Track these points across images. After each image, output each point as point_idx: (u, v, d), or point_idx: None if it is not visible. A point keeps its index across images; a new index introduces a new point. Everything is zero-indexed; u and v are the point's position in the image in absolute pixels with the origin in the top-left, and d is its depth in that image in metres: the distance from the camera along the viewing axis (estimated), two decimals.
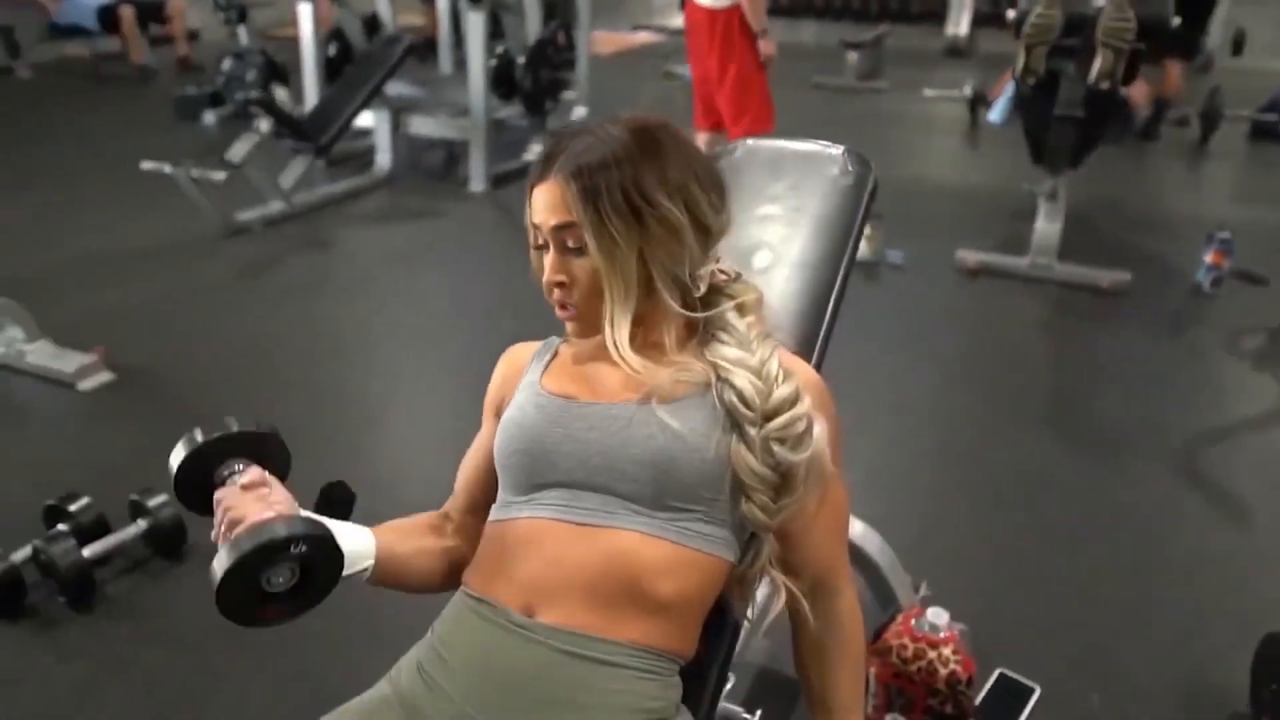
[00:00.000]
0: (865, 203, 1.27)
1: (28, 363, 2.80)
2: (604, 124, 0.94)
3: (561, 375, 1.00)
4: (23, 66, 7.77)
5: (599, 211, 0.88)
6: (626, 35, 10.25)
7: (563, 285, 0.93)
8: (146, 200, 4.24)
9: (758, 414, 0.90)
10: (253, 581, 0.80)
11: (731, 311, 0.97)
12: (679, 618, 0.91)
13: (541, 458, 0.94)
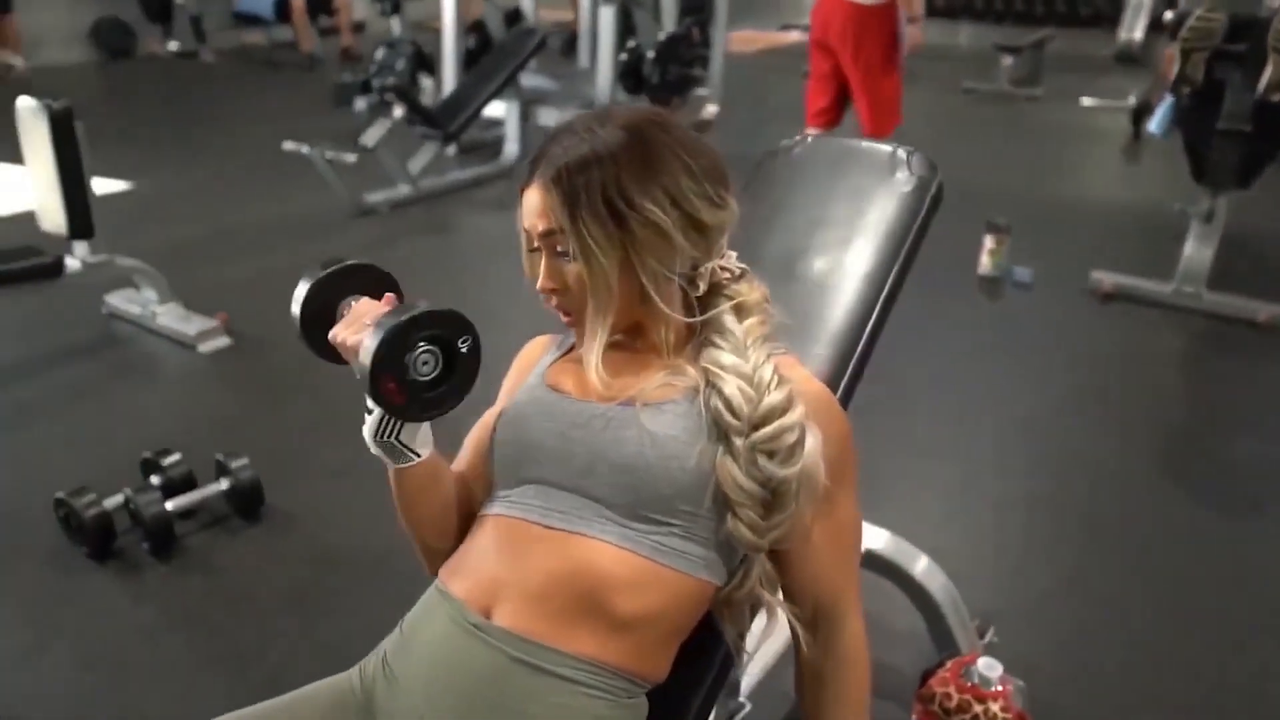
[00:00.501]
0: (925, 210, 1.18)
1: (158, 323, 3.01)
2: (592, 121, 0.90)
3: (565, 371, 0.97)
4: (207, 51, 8.41)
5: (576, 218, 0.85)
6: (773, 34, 10.10)
7: (555, 291, 0.90)
8: (287, 179, 4.50)
9: (744, 423, 0.84)
10: (400, 366, 0.80)
11: (729, 314, 0.91)
12: (641, 637, 0.86)
13: (526, 451, 0.91)
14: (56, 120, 2.60)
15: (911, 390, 2.78)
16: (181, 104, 6.82)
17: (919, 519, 2.16)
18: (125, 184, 4.62)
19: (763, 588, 0.90)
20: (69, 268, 2.75)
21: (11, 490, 2.19)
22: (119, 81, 7.65)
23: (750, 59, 8.75)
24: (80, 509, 1.95)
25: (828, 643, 0.93)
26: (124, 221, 3.94)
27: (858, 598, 0.95)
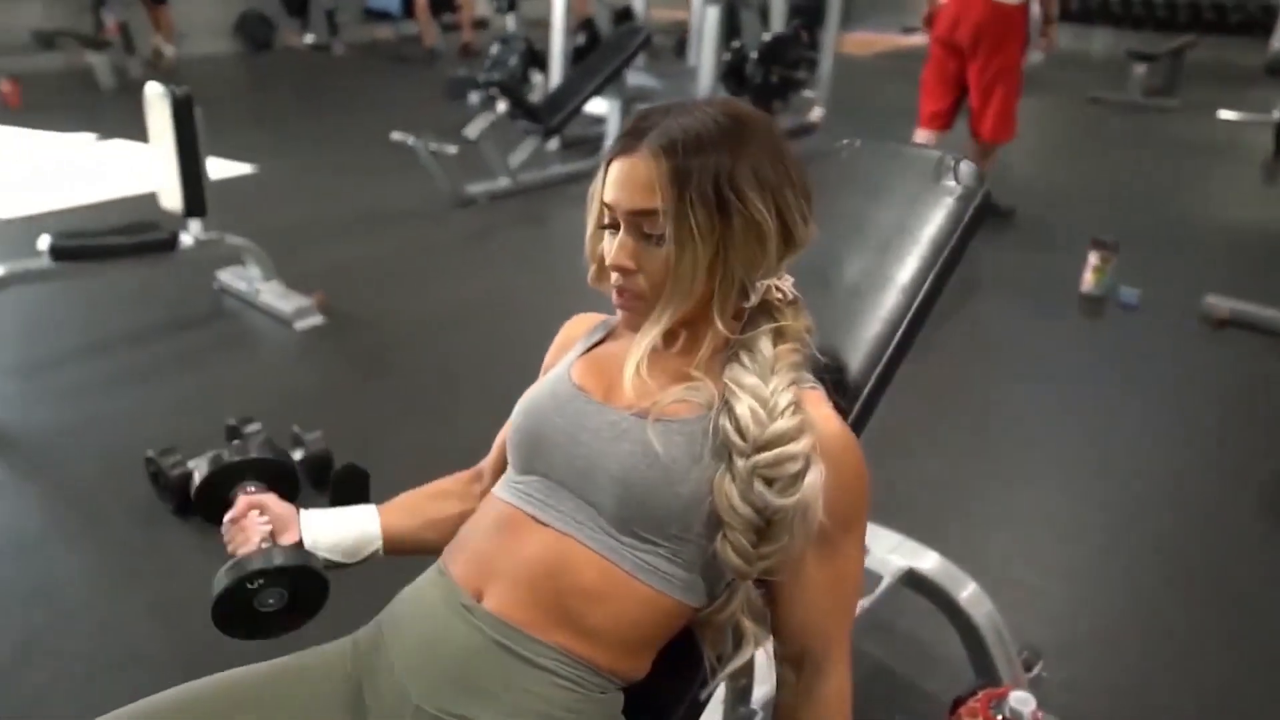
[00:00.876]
0: (968, 220, 1.13)
1: (260, 300, 3.20)
2: (700, 104, 0.86)
3: (594, 364, 0.96)
4: (339, 44, 8.84)
5: (684, 198, 0.81)
6: (892, 36, 9.84)
7: (628, 272, 0.86)
8: (395, 168, 4.68)
9: (749, 445, 0.81)
10: (244, 606, 0.93)
11: (766, 336, 0.88)
12: (613, 641, 0.86)
13: (537, 444, 0.92)
14: (178, 105, 2.79)
15: (997, 408, 2.68)
16: (310, 94, 7.19)
17: (992, 545, 2.08)
18: (250, 167, 4.91)
19: (745, 616, 0.87)
20: (182, 243, 2.94)
21: (114, 445, 2.37)
22: (257, 72, 8.12)
23: (865, 62, 8.57)
24: (166, 468, 2.09)
25: (809, 689, 0.89)
26: (244, 202, 4.20)
27: (847, 651, 0.91)
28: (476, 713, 0.83)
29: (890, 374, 1.09)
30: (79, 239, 2.78)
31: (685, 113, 0.84)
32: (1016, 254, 3.96)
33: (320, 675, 0.93)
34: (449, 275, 3.56)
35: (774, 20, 5.30)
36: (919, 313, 1.10)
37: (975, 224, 1.13)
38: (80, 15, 7.63)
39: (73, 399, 2.66)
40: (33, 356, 2.88)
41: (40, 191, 4.49)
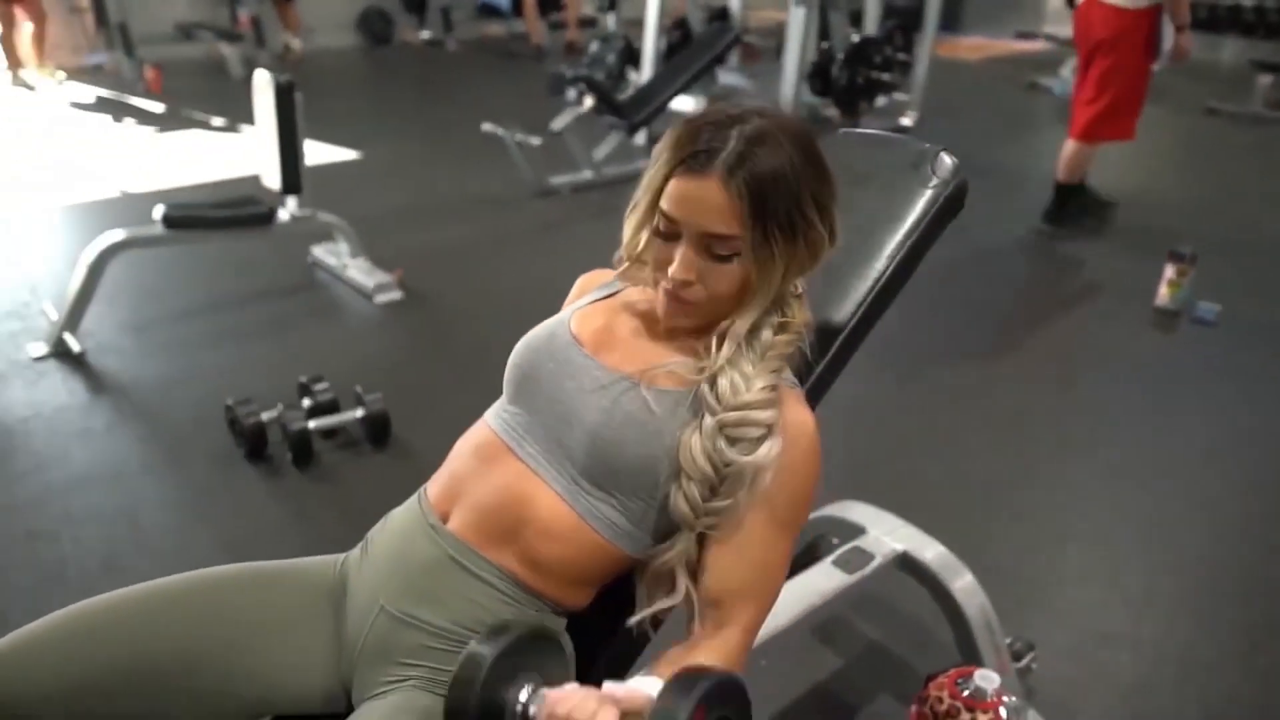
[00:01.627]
0: (935, 211, 1.18)
1: (346, 274, 3.44)
2: (766, 122, 0.89)
3: (595, 318, 1.03)
4: (452, 40, 9.22)
5: (767, 230, 0.87)
6: (1002, 42, 9.57)
7: (690, 284, 0.91)
8: (486, 157, 4.90)
9: (721, 406, 0.90)
10: None
11: (770, 327, 0.95)
12: (553, 575, 0.96)
13: (526, 380, 1.01)
14: (280, 91, 3.04)
15: (1061, 422, 2.62)
16: (420, 87, 7.55)
17: (1053, 573, 2.01)
18: (355, 154, 5.23)
19: (681, 566, 0.93)
20: (279, 218, 3.20)
21: (203, 395, 2.62)
22: (374, 65, 8.56)
23: (971, 67, 8.36)
24: (242, 416, 2.32)
25: (708, 634, 0.93)
26: (345, 185, 4.50)
27: (753, 625, 0.95)
28: (428, 615, 0.95)
29: (843, 357, 1.15)
30: (188, 210, 3.06)
31: (758, 140, 0.87)
32: (1098, 261, 3.86)
33: (314, 574, 1.07)
34: (522, 260, 3.74)
35: (867, 22, 5.27)
36: (879, 297, 1.16)
37: (944, 214, 1.19)
38: (217, 9, 8.23)
39: (174, 353, 2.95)
40: (144, 315, 3.20)
41: (167, 169, 4.92)
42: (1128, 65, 3.58)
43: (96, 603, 0.98)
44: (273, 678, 0.99)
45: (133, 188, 4.59)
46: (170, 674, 0.95)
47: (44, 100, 6.57)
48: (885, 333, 1.15)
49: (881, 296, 1.17)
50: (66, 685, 0.93)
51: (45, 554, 2.01)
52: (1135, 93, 3.67)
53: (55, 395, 2.67)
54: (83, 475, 2.29)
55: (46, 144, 5.44)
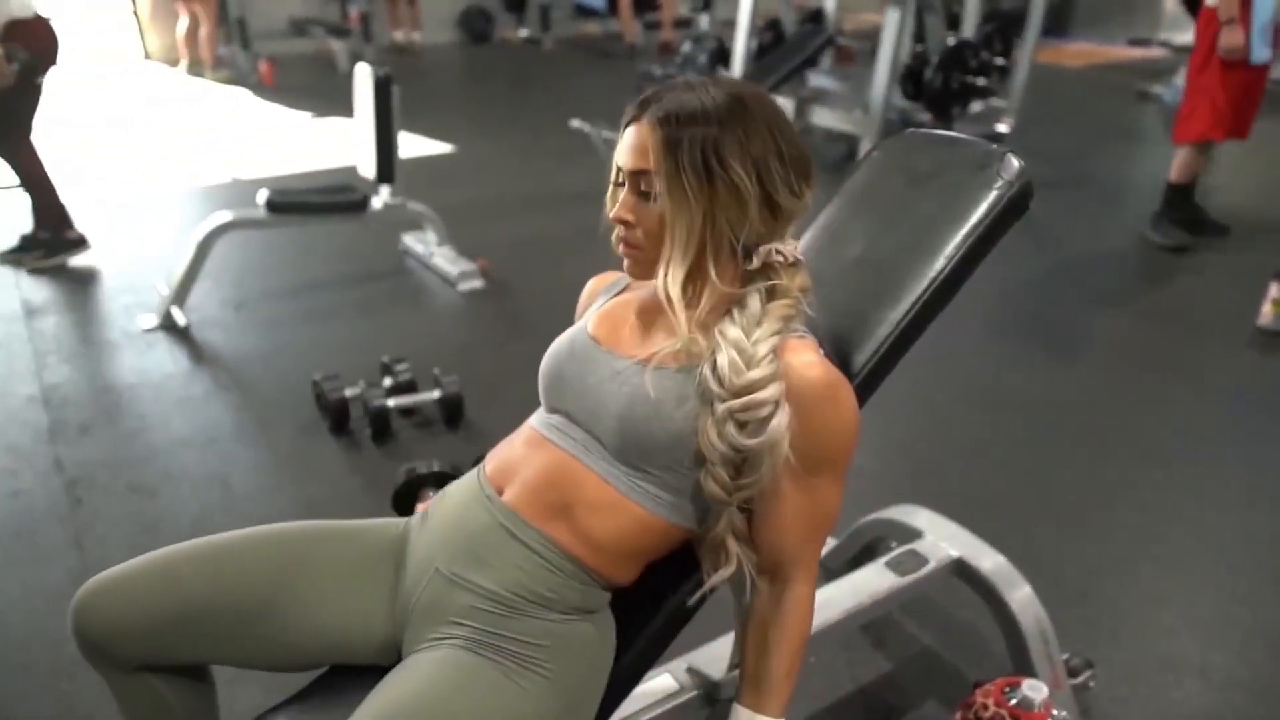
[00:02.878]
0: (998, 212, 1.17)
1: (433, 262, 3.57)
2: (706, 83, 0.96)
3: (608, 317, 1.10)
4: (548, 39, 9.40)
5: (675, 163, 0.91)
6: (1113, 48, 9.19)
7: (628, 225, 0.98)
8: (573, 153, 4.99)
9: (726, 391, 0.93)
10: None
11: (757, 294, 0.97)
12: (603, 549, 1.00)
13: (555, 386, 1.08)
14: (379, 83, 3.17)
15: (1146, 440, 2.52)
16: (515, 84, 7.72)
17: (1121, 594, 1.93)
18: (449, 147, 5.40)
19: (730, 537, 0.98)
20: (372, 206, 3.34)
21: (293, 370, 2.77)
22: (473, 62, 8.80)
23: (1075, 74, 8.07)
24: (327, 391, 2.44)
25: (777, 597, 1.01)
26: (438, 177, 4.66)
27: (813, 568, 1.02)
28: (477, 578, 1.00)
29: (899, 350, 1.15)
30: (289, 195, 3.23)
31: (688, 89, 0.95)
32: (1199, 277, 3.69)
33: (379, 535, 1.14)
34: (601, 255, 3.74)
35: (965, 26, 5.16)
36: (934, 297, 1.16)
37: (1006, 216, 1.18)
38: (329, 6, 8.59)
39: (269, 329, 3.12)
40: (244, 293, 3.38)
41: (274, 157, 5.18)
42: (1202, 63, 3.57)
43: (181, 547, 1.07)
44: (335, 627, 1.06)
45: (242, 174, 4.85)
46: (243, 616, 1.03)
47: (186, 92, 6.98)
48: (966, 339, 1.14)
49: (938, 295, 1.16)
50: (150, 619, 1.02)
51: (144, 508, 2.17)
52: (1205, 93, 3.60)
53: (161, 364, 2.86)
54: (181, 439, 2.45)
55: (170, 132, 5.79)
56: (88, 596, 1.03)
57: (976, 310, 3.20)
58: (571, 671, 0.98)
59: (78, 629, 1.03)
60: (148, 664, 1.05)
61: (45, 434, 2.46)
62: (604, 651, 1.04)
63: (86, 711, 1.61)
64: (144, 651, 1.03)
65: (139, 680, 1.07)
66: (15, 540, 2.05)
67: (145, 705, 1.08)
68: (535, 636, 0.97)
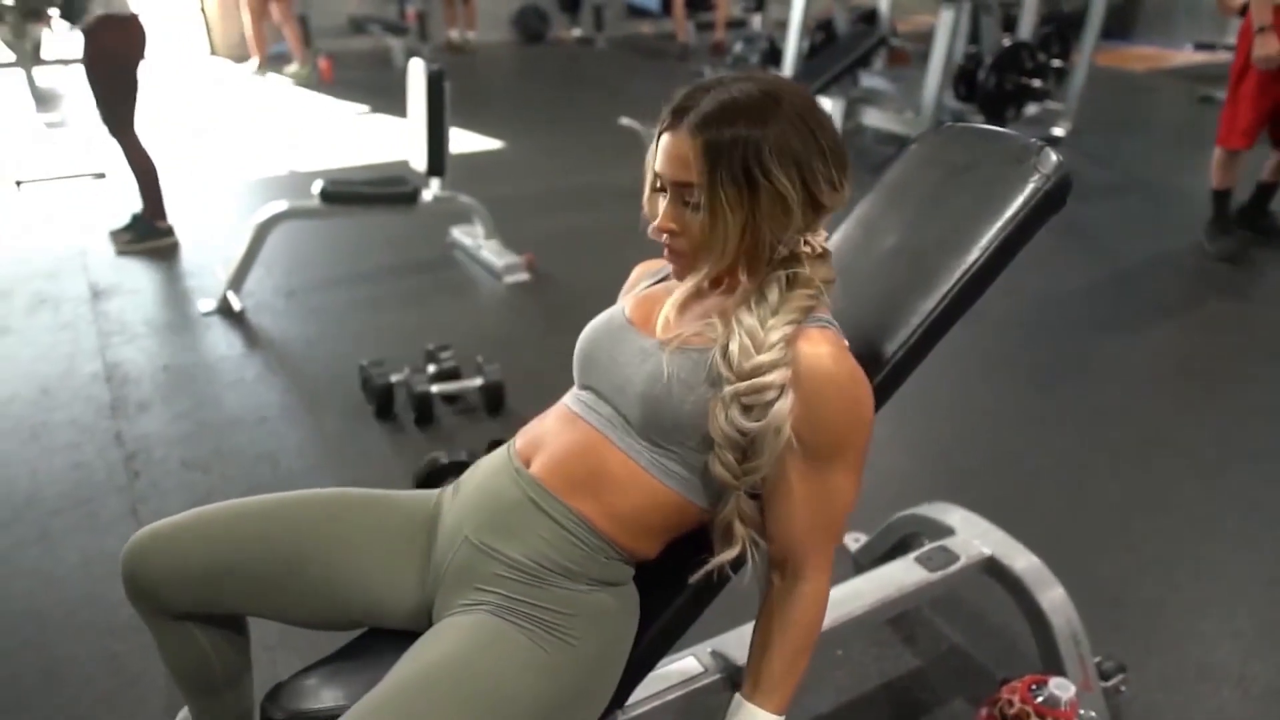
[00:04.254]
0: (1034, 206, 1.17)
1: (480, 255, 3.63)
2: (740, 81, 0.95)
3: (644, 301, 1.13)
4: (601, 39, 9.46)
5: (715, 176, 0.91)
6: (1177, 52, 8.96)
7: (673, 233, 0.98)
8: (622, 151, 5.03)
9: (734, 374, 0.94)
10: None
11: (777, 284, 0.98)
12: (626, 523, 1.03)
13: (588, 363, 1.12)
14: (432, 78, 3.24)
15: (1193, 450, 2.47)
16: (567, 83, 7.80)
17: (1158, 602, 1.89)
18: (500, 144, 5.48)
19: (737, 520, 1.00)
20: (422, 198, 3.41)
21: (341, 355, 2.84)
22: (527, 61, 8.89)
23: (1137, 78, 7.88)
24: (373, 376, 2.51)
25: (789, 590, 1.02)
26: (488, 173, 4.73)
27: (825, 564, 1.02)
28: (503, 548, 1.04)
29: (930, 341, 1.16)
30: (342, 186, 3.31)
31: (723, 91, 0.93)
32: (1255, 287, 3.60)
33: (414, 505, 1.18)
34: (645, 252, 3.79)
35: (1021, 27, 5.08)
36: (967, 288, 1.16)
37: (1043, 209, 1.17)
38: (387, 4, 8.76)
39: (319, 316, 3.21)
40: (296, 280, 3.48)
41: (330, 150, 5.30)
42: (1240, 70, 3.50)
43: (230, 504, 1.13)
44: (370, 589, 1.10)
45: (299, 166, 4.98)
46: (284, 572, 1.08)
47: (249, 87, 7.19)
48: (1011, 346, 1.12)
49: (970, 287, 1.17)
50: (197, 569, 1.08)
51: (196, 483, 2.25)
52: (1242, 101, 3.52)
53: (216, 347, 2.96)
54: (233, 418, 2.54)
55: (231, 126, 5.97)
56: (139, 545, 1.09)
57: (1023, 317, 3.16)
58: (596, 641, 1.01)
59: (128, 575, 1.09)
60: (191, 613, 1.11)
61: (107, 410, 2.56)
62: (628, 625, 1.06)
63: (135, 672, 1.68)
64: (189, 600, 1.09)
65: (182, 628, 1.13)
66: (75, 509, 2.14)
67: (186, 652, 1.15)
68: (561, 605, 1.00)
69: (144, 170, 3.64)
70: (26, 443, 2.41)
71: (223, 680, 1.18)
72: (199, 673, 1.16)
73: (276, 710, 1.04)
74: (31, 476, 2.26)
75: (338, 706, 1.04)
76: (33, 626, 1.79)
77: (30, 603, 1.86)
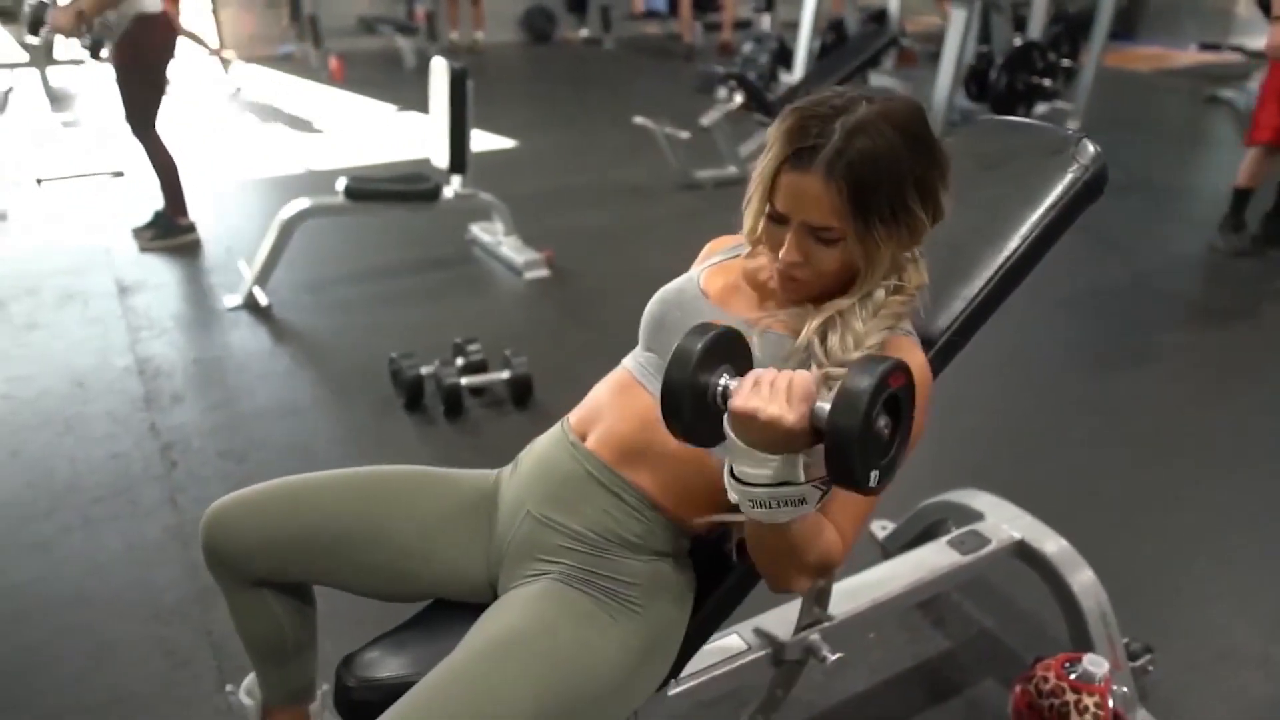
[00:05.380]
0: (1073, 195, 1.21)
1: (500, 251, 3.67)
2: (858, 107, 0.94)
3: (720, 273, 1.16)
4: (609, 39, 9.51)
5: (867, 223, 0.94)
6: (1183, 52, 9.00)
7: (799, 265, 0.99)
8: (634, 149, 5.08)
9: (828, 360, 0.98)
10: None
11: (884, 289, 1.01)
12: (681, 494, 1.07)
13: (658, 326, 1.14)
14: (454, 77, 3.29)
15: (1210, 443, 2.50)
16: (577, 82, 7.85)
17: (1178, 590, 1.93)
18: (513, 142, 5.52)
19: None
20: (444, 195, 3.46)
21: (369, 348, 2.88)
22: (536, 61, 8.95)
23: (1144, 78, 7.93)
24: (403, 368, 2.55)
25: None
26: (503, 171, 4.77)
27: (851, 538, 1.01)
28: (566, 520, 1.08)
29: (975, 324, 1.20)
30: (366, 183, 3.36)
31: (859, 131, 0.91)
32: (1268, 283, 3.64)
33: (475, 482, 1.22)
34: (662, 246, 3.86)
35: (1031, 27, 5.12)
36: (1011, 272, 1.21)
37: (1081, 198, 1.22)
38: (395, 4, 8.81)
39: (344, 311, 3.25)
40: (319, 276, 3.53)
41: (347, 148, 5.35)
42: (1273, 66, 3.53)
43: (305, 477, 1.17)
44: (438, 563, 1.15)
45: (314, 164, 5.03)
46: (354, 544, 1.13)
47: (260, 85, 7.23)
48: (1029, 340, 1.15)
49: (1012, 274, 1.21)
50: (275, 538, 1.12)
51: (233, 471, 2.29)
52: (1271, 96, 3.56)
53: (244, 341, 3.00)
54: (265, 409, 2.58)
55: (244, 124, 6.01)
56: (221, 512, 1.14)
57: (1037, 312, 3.20)
58: (659, 610, 1.05)
59: (208, 540, 1.14)
60: (266, 580, 1.15)
61: (141, 402, 2.60)
62: (686, 596, 1.10)
63: (185, 653, 1.72)
64: (266, 568, 1.14)
65: (257, 596, 1.17)
66: (116, 497, 2.18)
67: (259, 619, 1.19)
68: (624, 575, 1.04)
69: (166, 168, 3.68)
70: (63, 434, 2.45)
71: (293, 648, 1.22)
72: (271, 640, 1.21)
73: (350, 678, 1.08)
74: (70, 465, 2.31)
75: (407, 674, 1.08)
76: (81, 609, 1.83)
77: (77, 586, 1.90)
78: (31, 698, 1.63)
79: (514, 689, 0.93)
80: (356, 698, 1.07)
